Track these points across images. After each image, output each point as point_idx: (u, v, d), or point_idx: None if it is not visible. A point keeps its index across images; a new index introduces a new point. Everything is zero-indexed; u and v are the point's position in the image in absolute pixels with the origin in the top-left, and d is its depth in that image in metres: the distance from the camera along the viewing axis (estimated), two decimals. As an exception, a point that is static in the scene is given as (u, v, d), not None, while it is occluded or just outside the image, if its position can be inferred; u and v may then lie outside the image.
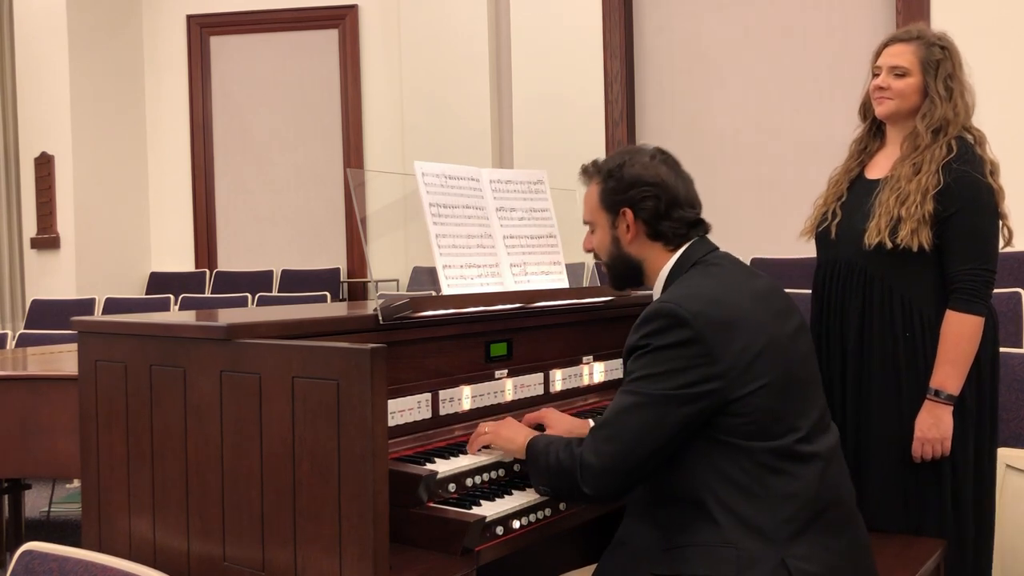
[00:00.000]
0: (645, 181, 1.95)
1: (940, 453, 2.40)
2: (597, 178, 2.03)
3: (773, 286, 1.97)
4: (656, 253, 1.99)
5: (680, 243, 1.98)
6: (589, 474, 1.80)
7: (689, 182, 2.01)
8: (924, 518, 2.45)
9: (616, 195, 1.98)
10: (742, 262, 2.00)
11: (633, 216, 1.97)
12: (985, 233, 2.40)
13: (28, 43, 7.57)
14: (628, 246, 2.00)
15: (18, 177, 7.82)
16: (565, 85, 6.87)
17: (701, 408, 1.76)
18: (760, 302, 1.88)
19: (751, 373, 1.77)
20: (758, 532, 1.74)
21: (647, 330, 1.81)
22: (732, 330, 1.78)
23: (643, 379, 1.79)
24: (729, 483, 1.76)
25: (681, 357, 1.76)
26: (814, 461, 1.82)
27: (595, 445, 1.81)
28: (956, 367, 2.38)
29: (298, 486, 1.69)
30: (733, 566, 1.73)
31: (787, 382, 1.82)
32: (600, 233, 2.04)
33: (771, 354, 1.80)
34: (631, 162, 1.98)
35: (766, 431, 1.78)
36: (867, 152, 2.65)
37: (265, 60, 7.99)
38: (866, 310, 2.48)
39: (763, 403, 1.77)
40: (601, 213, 2.02)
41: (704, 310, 1.78)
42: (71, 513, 4.85)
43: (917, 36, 2.50)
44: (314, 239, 7.91)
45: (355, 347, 1.61)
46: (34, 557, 1.58)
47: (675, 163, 2.02)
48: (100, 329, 2.08)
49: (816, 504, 1.79)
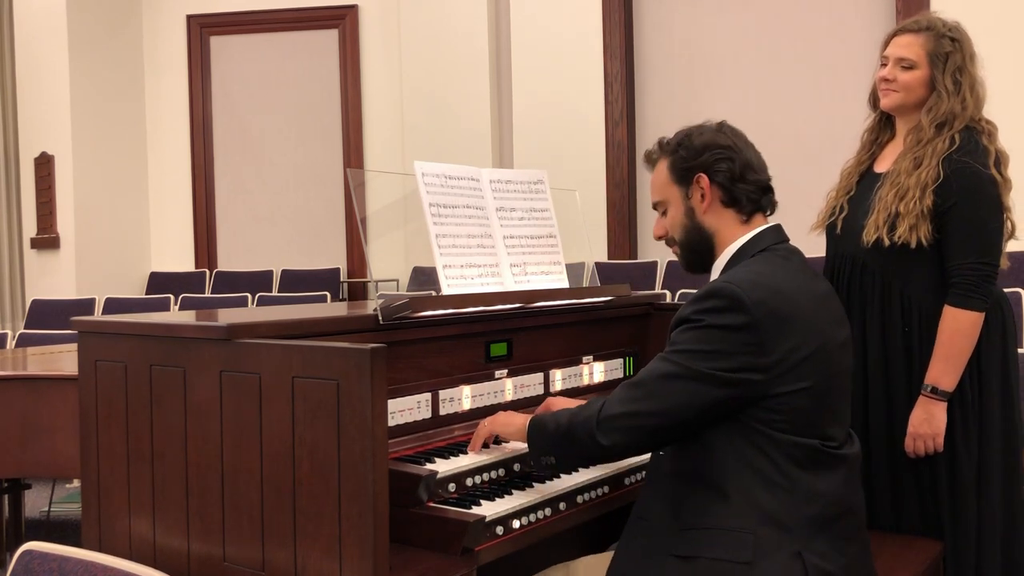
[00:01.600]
0: (718, 144, 1.93)
1: (932, 449, 2.39)
2: (664, 154, 2.00)
3: (832, 292, 1.96)
4: (729, 224, 1.94)
5: (753, 212, 1.95)
6: (609, 424, 1.79)
7: (757, 152, 1.99)
8: (923, 517, 2.44)
9: (689, 162, 1.94)
10: (807, 261, 1.97)
11: (709, 180, 1.93)
12: (985, 226, 2.36)
13: (28, 43, 7.57)
14: (703, 216, 1.95)
15: (18, 177, 7.82)
16: (565, 85, 6.87)
17: (737, 395, 1.75)
18: (819, 305, 1.86)
19: (796, 373, 1.76)
20: (777, 523, 1.74)
21: (705, 306, 1.79)
22: (787, 326, 1.76)
23: (688, 353, 1.77)
24: (753, 471, 1.76)
25: (732, 341, 1.75)
26: (841, 467, 1.82)
27: (623, 397, 1.81)
28: (951, 363, 2.36)
29: (298, 486, 1.69)
30: (749, 552, 1.72)
31: (827, 390, 1.81)
32: (672, 210, 1.99)
33: (819, 359, 1.79)
34: (699, 132, 1.96)
35: (798, 430, 1.77)
36: (878, 144, 2.62)
37: (265, 60, 7.99)
38: (866, 306, 2.48)
39: (800, 404, 1.76)
40: (672, 188, 1.98)
41: (766, 300, 1.76)
42: (71, 513, 4.85)
43: (927, 27, 2.45)
44: (314, 239, 7.91)
45: (355, 347, 1.61)
46: (34, 557, 1.58)
47: (742, 134, 1.99)
48: (100, 329, 2.08)
49: (838, 507, 1.80)
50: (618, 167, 6.85)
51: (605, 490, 2.16)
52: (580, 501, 2.09)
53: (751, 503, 1.75)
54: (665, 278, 6.44)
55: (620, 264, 6.67)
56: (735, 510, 1.75)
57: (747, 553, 1.73)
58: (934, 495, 2.43)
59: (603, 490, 2.15)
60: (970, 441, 2.41)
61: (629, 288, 2.74)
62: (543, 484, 2.05)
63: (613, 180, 6.85)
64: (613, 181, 6.85)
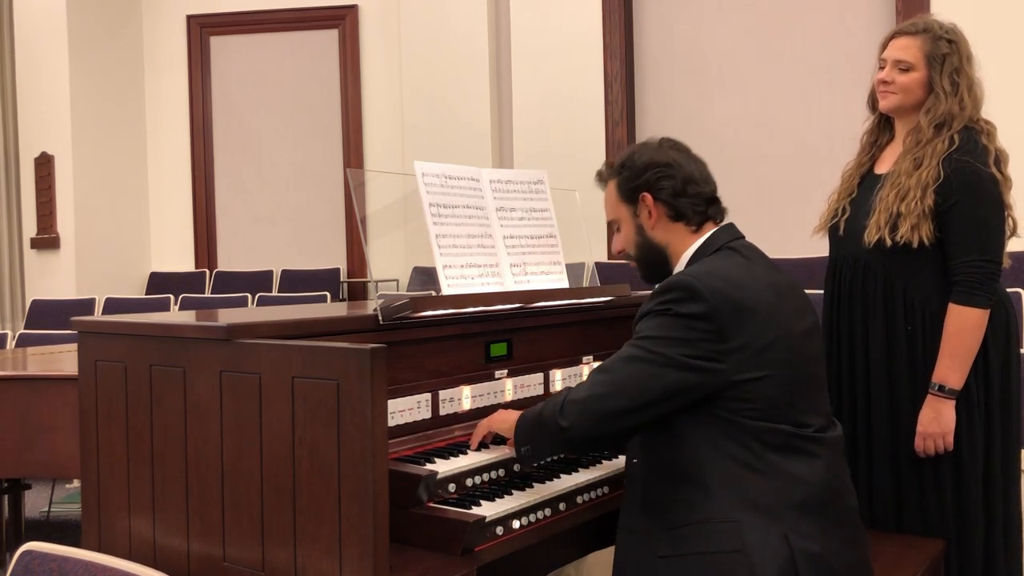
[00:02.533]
0: (657, 163, 2.00)
1: (942, 448, 2.39)
2: (611, 175, 2.07)
3: (792, 283, 1.99)
4: (680, 236, 2.01)
5: (702, 223, 2.00)
6: (572, 408, 1.84)
7: (701, 164, 2.05)
8: (925, 516, 2.44)
9: (632, 182, 2.02)
10: (765, 255, 2.01)
11: (652, 199, 1.99)
12: (987, 223, 2.37)
13: (28, 43, 7.57)
14: (652, 231, 2.02)
15: (18, 177, 7.82)
16: (565, 85, 6.86)
17: (699, 382, 1.78)
18: (778, 295, 1.89)
19: (757, 361, 1.79)
20: (761, 508, 1.76)
21: (665, 298, 1.84)
22: (746, 314, 1.80)
23: (651, 339, 1.83)
24: (730, 459, 1.78)
25: (692, 329, 1.79)
26: (823, 451, 1.84)
27: (589, 382, 1.87)
28: (957, 360, 2.37)
29: (298, 486, 1.69)
30: (735, 540, 1.74)
31: (794, 377, 1.84)
32: (625, 227, 2.07)
33: (781, 347, 1.82)
34: (640, 152, 2.04)
35: (767, 417, 1.79)
36: (878, 146, 2.63)
37: (265, 60, 7.99)
38: (869, 306, 2.48)
39: (766, 392, 1.79)
40: (622, 206, 2.05)
41: (721, 288, 1.81)
42: (71, 513, 4.85)
43: (924, 29, 2.46)
44: (314, 239, 7.90)
45: (355, 347, 1.61)
46: (34, 557, 1.58)
47: (685, 148, 2.06)
48: (100, 329, 2.08)
49: (824, 492, 1.81)
50: (618, 167, 6.84)
51: (605, 490, 2.16)
52: (580, 501, 2.09)
53: (733, 492, 1.77)
54: (665, 278, 6.43)
55: (620, 264, 6.66)
56: (718, 502, 1.77)
57: (735, 542, 1.74)
58: (938, 495, 2.43)
59: (603, 490, 2.15)
60: (975, 441, 2.42)
61: (629, 288, 2.74)
62: (543, 484, 2.05)
63: (613, 180, 6.84)
64: (613, 181, 6.84)
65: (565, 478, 2.10)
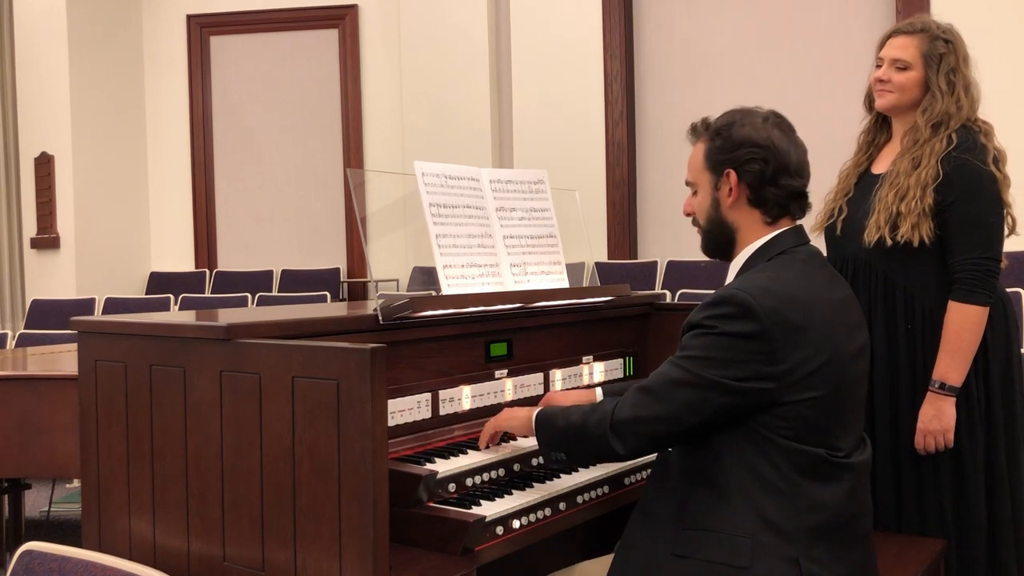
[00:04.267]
0: (754, 142, 1.86)
1: (943, 445, 2.39)
2: (704, 136, 1.94)
3: (850, 297, 1.93)
4: (752, 223, 1.91)
5: (779, 216, 1.91)
6: (621, 427, 1.80)
7: (803, 150, 1.92)
8: (922, 515, 2.45)
9: (722, 154, 1.89)
10: (827, 263, 1.95)
11: (737, 178, 1.88)
12: (986, 221, 2.37)
13: (28, 43, 7.56)
14: (727, 210, 1.91)
15: (18, 177, 7.81)
16: (565, 85, 6.87)
17: (745, 402, 1.75)
18: (835, 312, 1.83)
19: (806, 383, 1.74)
20: (776, 529, 1.73)
21: (716, 312, 1.77)
22: (799, 335, 1.74)
23: (698, 360, 1.76)
24: (756, 477, 1.75)
25: (743, 349, 1.73)
26: (847, 476, 1.81)
27: (635, 402, 1.81)
28: (957, 358, 2.37)
29: (298, 486, 1.69)
30: (746, 556, 1.72)
31: (838, 399, 1.79)
32: (701, 195, 1.95)
33: (831, 369, 1.77)
34: (742, 122, 1.89)
35: (804, 438, 1.76)
36: (875, 145, 2.64)
37: (265, 60, 7.99)
38: (871, 305, 2.49)
39: (809, 413, 1.75)
40: (704, 173, 1.93)
41: (778, 308, 1.74)
42: (71, 513, 4.86)
43: (921, 29, 2.48)
44: (314, 239, 7.90)
45: (355, 347, 1.61)
46: (34, 557, 1.58)
47: (790, 128, 1.92)
48: (100, 329, 2.08)
49: (841, 518, 1.79)
50: (618, 167, 6.84)
51: (605, 490, 2.16)
52: (580, 501, 2.09)
53: (752, 508, 1.75)
54: (665, 278, 6.44)
55: (620, 264, 6.67)
56: (736, 514, 1.75)
57: (745, 558, 1.73)
58: (937, 493, 2.43)
59: (603, 490, 2.16)
60: (976, 439, 2.42)
61: (629, 288, 2.74)
62: (543, 484, 2.05)
63: (613, 180, 6.85)
64: (613, 181, 6.85)
65: (565, 478, 2.10)
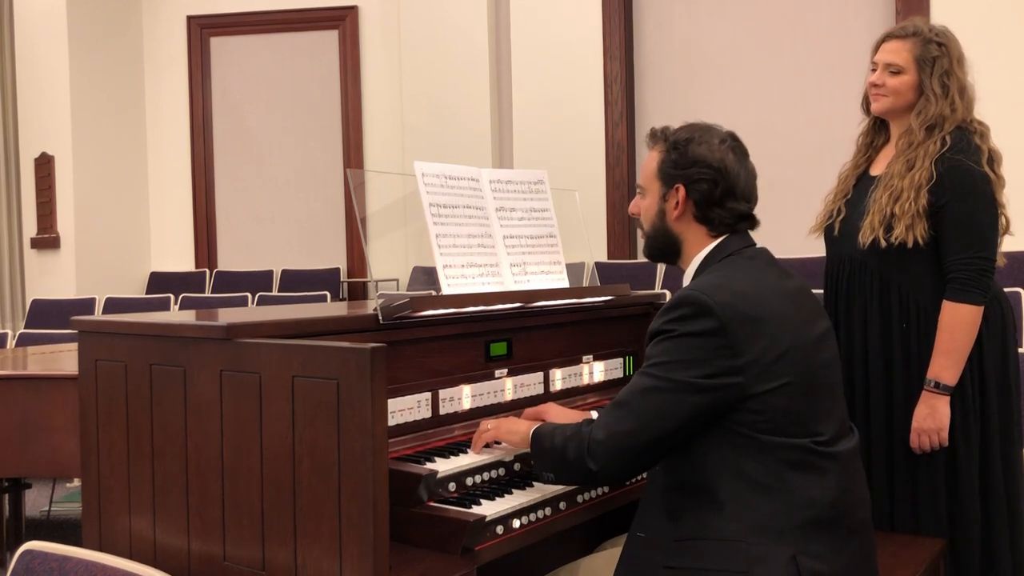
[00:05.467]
0: (708, 163, 1.91)
1: (937, 444, 2.40)
2: (662, 145, 1.98)
3: (803, 288, 1.95)
4: (697, 235, 1.95)
5: (723, 232, 1.95)
6: (598, 451, 1.80)
7: (752, 175, 1.97)
8: (917, 514, 2.45)
9: (675, 168, 1.93)
10: (776, 260, 1.98)
11: (685, 195, 1.93)
12: (980, 220, 2.38)
13: (28, 43, 7.56)
14: (672, 222, 1.96)
15: (18, 177, 7.82)
16: (565, 86, 6.86)
17: (717, 399, 1.75)
18: (789, 302, 1.86)
19: (772, 372, 1.76)
20: (770, 529, 1.73)
21: (674, 315, 1.80)
22: (757, 326, 1.77)
23: (663, 364, 1.78)
24: (743, 478, 1.75)
25: (704, 347, 1.75)
26: (834, 466, 1.80)
27: (607, 422, 1.81)
28: (951, 357, 2.37)
29: (298, 486, 1.69)
30: (743, 562, 1.72)
31: (808, 386, 1.80)
32: (649, 201, 2.00)
33: (794, 355, 1.79)
34: (699, 140, 1.93)
35: (784, 430, 1.76)
36: (873, 147, 2.66)
37: (265, 60, 7.99)
38: (867, 306, 2.50)
39: (782, 403, 1.76)
40: (655, 182, 1.98)
41: (731, 302, 1.77)
42: (71, 512, 4.86)
43: (913, 32, 2.49)
44: (314, 239, 7.90)
45: (355, 347, 1.61)
46: (34, 556, 1.58)
47: (744, 153, 1.97)
48: (100, 329, 2.08)
49: (833, 510, 1.78)
50: (618, 167, 6.84)
51: (605, 490, 2.16)
52: (580, 501, 2.09)
53: (744, 510, 1.74)
54: (665, 278, 6.44)
55: (620, 264, 6.67)
56: (728, 518, 1.74)
57: (740, 563, 1.72)
58: (931, 493, 2.44)
59: (603, 490, 2.16)
60: (971, 439, 2.42)
61: (629, 288, 2.75)
62: (543, 484, 2.05)
63: (613, 180, 6.85)
64: (613, 181, 6.85)
65: (565, 478, 2.10)
